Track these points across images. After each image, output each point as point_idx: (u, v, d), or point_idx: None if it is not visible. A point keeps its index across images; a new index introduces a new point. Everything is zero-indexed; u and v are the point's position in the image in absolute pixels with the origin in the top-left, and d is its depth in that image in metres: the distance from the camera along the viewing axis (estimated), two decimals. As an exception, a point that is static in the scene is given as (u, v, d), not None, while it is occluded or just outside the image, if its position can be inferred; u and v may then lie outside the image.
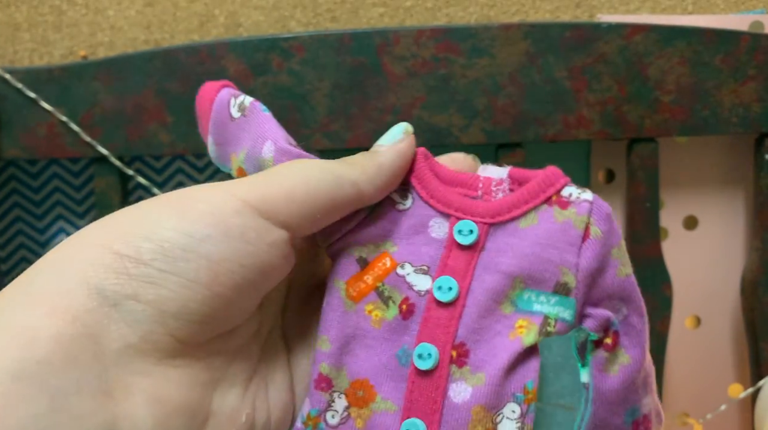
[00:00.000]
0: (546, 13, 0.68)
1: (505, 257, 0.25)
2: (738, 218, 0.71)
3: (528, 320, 0.25)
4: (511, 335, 0.25)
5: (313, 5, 0.66)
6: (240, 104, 0.28)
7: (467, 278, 0.25)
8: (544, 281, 0.25)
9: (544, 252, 0.25)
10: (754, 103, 0.62)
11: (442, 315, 0.25)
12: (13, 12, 0.66)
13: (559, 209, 0.26)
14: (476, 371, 0.24)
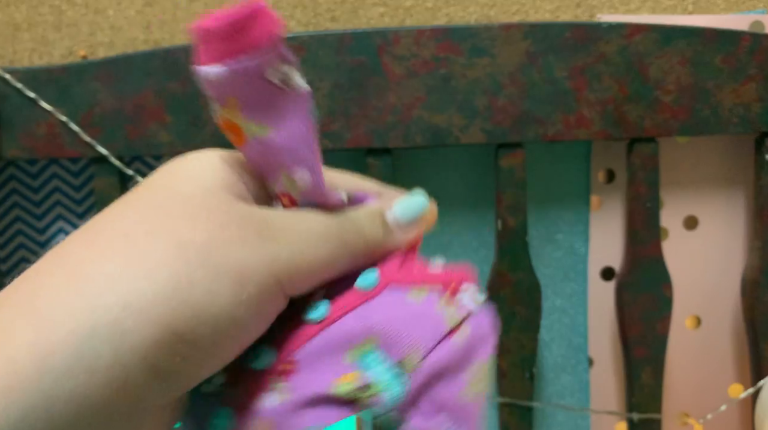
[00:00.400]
0: (546, 13, 0.68)
1: (378, 313, 0.25)
2: (738, 217, 0.71)
3: (356, 375, 0.24)
4: (334, 380, 0.24)
5: (312, 5, 0.66)
6: (285, 74, 0.24)
7: (340, 312, 0.25)
8: (394, 348, 0.25)
9: (409, 326, 0.25)
10: (755, 103, 0.62)
11: (297, 328, 0.25)
12: (12, 12, 0.66)
13: (444, 302, 0.26)
14: (290, 392, 0.24)
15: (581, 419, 0.74)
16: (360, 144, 0.62)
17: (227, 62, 0.23)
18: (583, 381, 0.73)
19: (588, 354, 0.73)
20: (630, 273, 0.65)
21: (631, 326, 0.66)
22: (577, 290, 0.72)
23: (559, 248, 0.71)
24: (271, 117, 0.25)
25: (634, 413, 0.67)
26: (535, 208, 0.70)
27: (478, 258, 0.71)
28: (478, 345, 0.26)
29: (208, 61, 0.24)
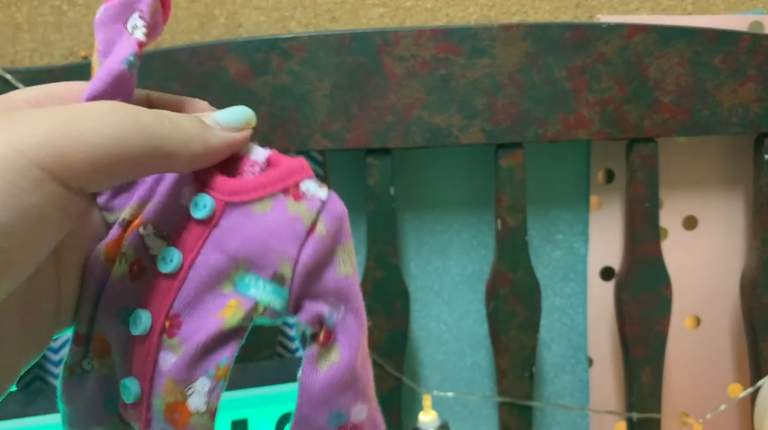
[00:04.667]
0: (546, 14, 0.68)
1: (233, 239, 0.25)
2: (737, 217, 0.71)
3: (239, 302, 0.25)
4: (219, 315, 0.25)
5: (313, 6, 0.67)
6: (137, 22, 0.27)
7: (193, 252, 0.25)
8: (264, 267, 0.25)
9: (270, 240, 0.25)
10: (754, 103, 0.62)
11: (162, 284, 0.25)
12: (13, 12, 0.66)
13: (292, 201, 0.25)
14: (182, 344, 0.24)
15: (581, 418, 0.74)
16: (360, 144, 0.62)
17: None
18: (583, 381, 0.73)
19: (587, 354, 0.73)
20: (629, 273, 0.65)
21: (631, 326, 0.66)
22: (576, 289, 0.72)
23: (558, 248, 0.71)
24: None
25: (633, 413, 0.67)
26: (534, 209, 0.70)
27: (478, 258, 0.71)
28: (338, 231, 0.26)
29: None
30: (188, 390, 0.24)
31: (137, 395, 0.25)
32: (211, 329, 0.24)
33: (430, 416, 0.64)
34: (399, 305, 0.65)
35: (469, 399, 0.73)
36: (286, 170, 0.26)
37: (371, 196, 0.63)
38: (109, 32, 0.26)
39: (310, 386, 0.25)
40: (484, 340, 0.72)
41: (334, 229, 0.26)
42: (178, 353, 0.24)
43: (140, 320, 0.25)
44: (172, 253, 0.25)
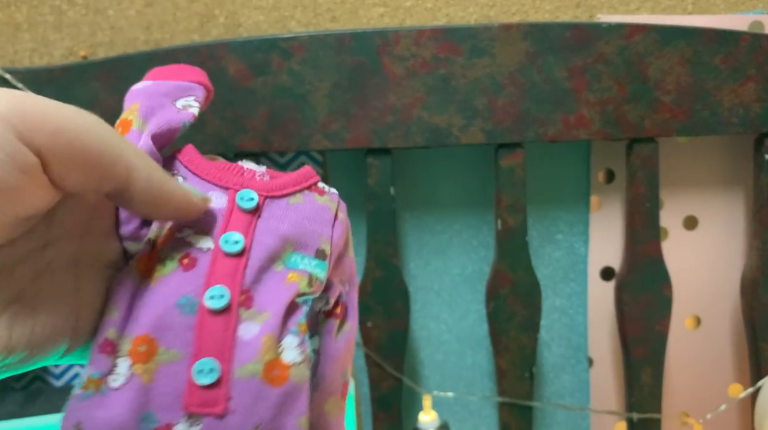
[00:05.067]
0: (546, 14, 0.68)
1: (279, 224, 0.29)
2: (738, 217, 0.71)
3: (298, 274, 0.28)
4: (286, 283, 0.28)
5: (313, 5, 0.66)
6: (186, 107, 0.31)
7: (249, 237, 0.28)
8: (308, 246, 0.29)
9: (309, 224, 0.30)
10: (754, 103, 0.62)
11: (229, 264, 0.27)
12: (13, 12, 0.66)
13: (318, 195, 0.31)
14: (262, 312, 0.27)
15: (581, 418, 0.74)
16: (360, 144, 0.62)
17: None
18: (583, 381, 0.73)
19: (588, 354, 0.73)
20: (630, 273, 0.65)
21: (631, 326, 0.66)
22: (576, 289, 0.72)
23: (558, 248, 0.71)
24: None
25: (633, 413, 0.67)
26: (534, 209, 0.70)
27: (478, 258, 0.71)
28: (348, 219, 0.32)
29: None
30: (279, 349, 0.26)
31: (218, 371, 0.25)
32: (288, 294, 0.27)
33: (430, 416, 0.64)
34: (399, 305, 0.65)
35: (469, 399, 0.73)
36: (303, 174, 0.31)
37: (371, 197, 0.63)
38: (153, 101, 0.30)
39: (330, 353, 0.29)
40: (484, 340, 0.72)
41: (347, 217, 0.31)
42: (265, 319, 0.26)
43: (221, 296, 0.26)
44: (235, 236, 0.27)
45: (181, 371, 0.25)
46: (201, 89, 0.31)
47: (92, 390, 0.25)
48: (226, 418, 0.25)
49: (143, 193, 0.25)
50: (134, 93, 0.30)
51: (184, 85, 0.31)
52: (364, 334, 0.65)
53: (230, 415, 0.25)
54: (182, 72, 0.31)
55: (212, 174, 0.29)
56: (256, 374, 0.25)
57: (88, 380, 0.25)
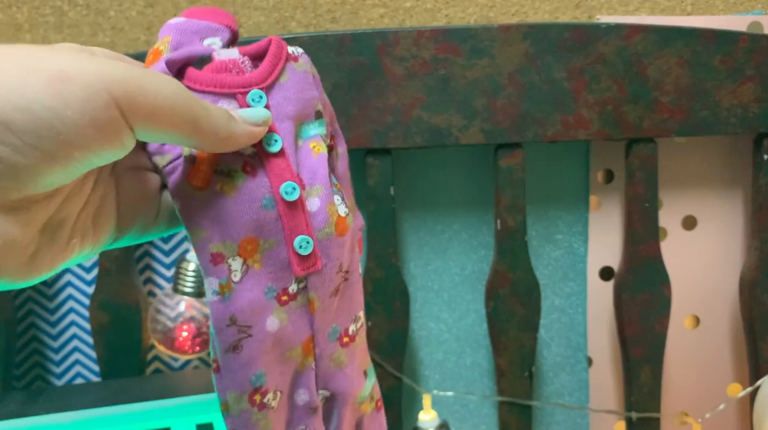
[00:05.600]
0: (545, 14, 0.68)
1: (285, 107, 0.33)
2: (737, 217, 0.71)
3: (314, 141, 0.34)
4: (314, 154, 0.34)
5: (313, 6, 0.67)
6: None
7: (277, 133, 0.33)
8: (309, 114, 0.35)
9: (302, 94, 0.34)
10: (753, 103, 0.62)
11: (278, 162, 0.32)
12: (14, 13, 0.66)
13: (294, 63, 0.35)
14: (313, 186, 0.33)
15: (580, 417, 0.74)
16: (360, 144, 0.62)
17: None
18: (582, 380, 0.73)
19: (587, 353, 0.73)
20: (629, 273, 0.65)
21: (630, 326, 0.66)
22: (576, 289, 0.72)
23: (558, 248, 0.72)
24: None
25: (632, 412, 0.67)
26: (534, 209, 0.71)
27: (477, 258, 0.71)
28: (313, 67, 0.37)
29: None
30: (336, 209, 0.33)
31: (312, 243, 0.32)
32: (323, 163, 0.34)
33: (430, 416, 0.64)
34: (399, 304, 0.65)
35: (469, 399, 0.73)
36: (276, 48, 0.34)
37: (371, 197, 0.64)
38: (183, 38, 0.33)
39: (340, 174, 0.37)
40: (484, 339, 0.72)
41: (313, 66, 0.37)
42: (319, 191, 0.33)
43: (293, 189, 0.32)
44: (274, 136, 0.32)
45: (282, 251, 0.32)
46: (228, 32, 0.34)
47: (227, 292, 0.32)
48: (321, 269, 0.33)
49: (213, 145, 0.29)
50: (169, 26, 0.34)
51: (213, 26, 0.34)
52: (364, 333, 0.65)
53: (324, 266, 0.33)
54: (215, 14, 0.34)
55: (212, 82, 0.32)
56: (331, 233, 0.33)
57: (220, 287, 0.32)
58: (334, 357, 0.35)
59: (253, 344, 0.32)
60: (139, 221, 0.33)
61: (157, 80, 0.26)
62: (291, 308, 0.33)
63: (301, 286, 0.33)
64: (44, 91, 0.24)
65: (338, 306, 0.35)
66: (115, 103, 0.25)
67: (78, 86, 0.24)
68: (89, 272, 0.69)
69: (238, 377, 0.32)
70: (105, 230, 0.31)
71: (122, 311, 0.65)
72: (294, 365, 0.34)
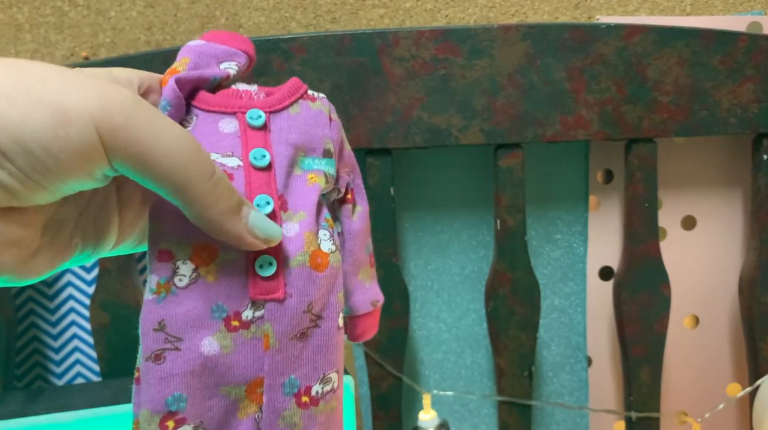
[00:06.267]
0: (545, 14, 0.68)
1: (288, 134, 0.33)
2: (736, 217, 0.71)
3: (314, 174, 0.33)
4: (308, 183, 0.32)
5: (313, 6, 0.67)
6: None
7: (269, 150, 0.32)
8: (315, 149, 0.33)
9: (312, 129, 0.33)
10: (752, 103, 0.62)
11: (261, 176, 0.31)
12: (14, 13, 0.66)
13: (311, 102, 0.34)
14: (297, 212, 0.31)
15: (580, 417, 0.74)
16: (360, 144, 0.62)
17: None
18: (582, 380, 0.73)
19: (587, 353, 0.73)
20: (628, 273, 0.66)
21: (630, 326, 0.66)
22: (575, 289, 0.72)
23: (557, 248, 0.72)
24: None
25: (632, 412, 0.68)
26: (533, 209, 0.71)
27: (477, 258, 0.71)
28: (339, 118, 0.35)
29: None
30: (318, 241, 0.31)
31: (275, 265, 0.30)
32: (315, 193, 0.32)
33: (430, 415, 0.65)
34: (399, 304, 0.65)
35: (469, 398, 0.73)
36: (293, 85, 0.34)
37: (371, 197, 0.64)
38: (201, 60, 0.33)
39: (351, 232, 0.35)
40: (484, 339, 0.72)
41: (338, 117, 0.35)
42: (301, 218, 0.31)
43: (266, 204, 0.31)
44: (261, 152, 0.31)
45: (241, 269, 0.30)
46: (245, 57, 0.35)
47: (164, 293, 0.29)
48: (285, 301, 0.30)
49: (196, 218, 0.28)
50: (188, 48, 0.34)
51: (231, 51, 0.34)
52: (364, 333, 0.65)
53: (288, 298, 0.30)
54: (233, 39, 0.35)
55: (219, 104, 0.32)
56: (305, 263, 0.30)
57: (158, 286, 0.29)
58: (285, 415, 0.30)
59: (178, 359, 0.29)
60: (142, 225, 0.33)
61: (159, 132, 0.26)
62: (240, 337, 0.30)
63: (258, 314, 0.30)
64: (44, 131, 0.24)
65: (302, 355, 0.31)
66: (104, 149, 0.25)
67: (75, 131, 0.24)
68: (89, 272, 0.70)
69: (153, 393, 0.29)
70: (107, 231, 0.31)
71: (122, 311, 0.65)
72: (231, 405, 0.30)
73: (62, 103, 0.24)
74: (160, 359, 0.29)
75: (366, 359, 0.66)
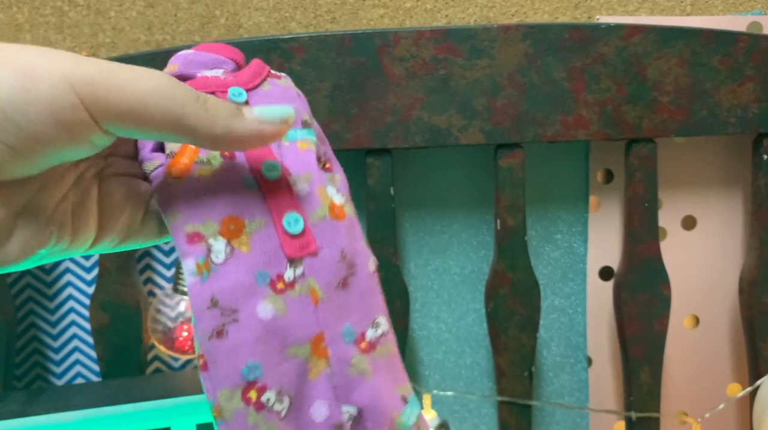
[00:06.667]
0: (545, 14, 0.68)
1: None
2: (736, 218, 0.71)
3: (302, 141, 0.33)
4: (301, 149, 0.33)
5: (313, 6, 0.67)
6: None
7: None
8: (295, 121, 0.32)
9: (286, 102, 0.34)
10: (752, 103, 0.62)
11: (258, 149, 0.31)
12: (14, 13, 0.66)
13: (277, 80, 0.35)
14: (302, 173, 0.32)
15: (580, 417, 0.74)
16: (360, 144, 0.62)
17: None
18: (582, 380, 0.73)
19: (587, 353, 0.73)
20: (628, 273, 0.66)
21: (630, 326, 0.66)
22: (575, 289, 0.72)
23: (557, 248, 0.72)
24: None
25: (632, 412, 0.68)
26: (533, 209, 0.71)
27: (477, 258, 0.71)
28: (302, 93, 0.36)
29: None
30: (329, 195, 0.32)
31: (302, 221, 0.31)
32: (311, 156, 0.32)
33: (430, 415, 0.65)
34: (399, 304, 0.65)
35: (469, 398, 0.73)
36: (258, 66, 0.34)
37: (371, 196, 0.64)
38: (188, 69, 0.33)
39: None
40: (484, 339, 0.72)
41: (301, 92, 0.36)
42: (307, 178, 0.32)
43: (274, 168, 0.31)
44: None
45: (271, 232, 0.30)
46: (233, 65, 0.34)
47: (206, 272, 0.29)
48: (319, 253, 0.30)
49: (209, 142, 0.27)
50: (178, 57, 0.34)
51: (219, 59, 0.34)
52: (364, 333, 0.65)
53: (321, 250, 0.31)
54: (223, 49, 0.35)
55: (195, 86, 0.32)
56: (326, 216, 0.31)
57: (197, 266, 0.29)
58: (353, 362, 0.31)
59: (241, 330, 0.29)
60: (121, 225, 0.32)
61: (132, 76, 0.25)
62: (289, 297, 0.30)
63: (299, 272, 0.30)
64: (10, 85, 0.24)
65: (348, 302, 0.31)
66: (81, 104, 0.24)
67: (45, 84, 0.24)
68: (89, 272, 0.70)
69: (226, 369, 0.28)
70: (84, 226, 0.30)
71: (122, 311, 0.65)
72: (301, 367, 0.30)
73: (30, 62, 0.24)
74: (223, 334, 0.28)
75: (366, 359, 0.66)
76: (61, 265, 0.69)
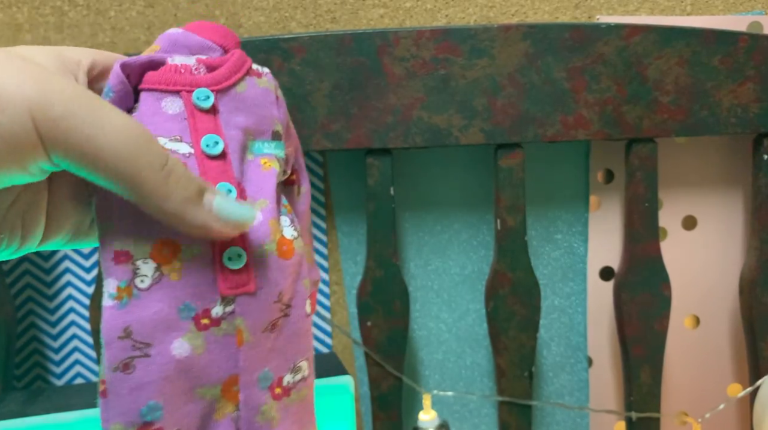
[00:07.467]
0: (545, 14, 0.68)
1: (236, 117, 0.30)
2: (736, 217, 0.71)
3: (267, 158, 0.31)
4: (263, 169, 0.30)
5: (313, 6, 0.67)
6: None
7: (221, 136, 0.30)
8: (264, 132, 0.31)
9: (259, 110, 0.31)
10: (753, 103, 0.62)
11: (215, 165, 0.29)
12: (14, 13, 0.66)
13: (257, 79, 0.32)
14: (257, 200, 0.29)
15: (580, 417, 0.74)
16: (360, 144, 0.62)
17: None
18: (582, 380, 0.73)
19: (587, 353, 0.73)
20: (629, 273, 0.65)
21: (630, 326, 0.66)
22: (576, 289, 0.72)
23: (558, 248, 0.72)
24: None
25: (632, 412, 0.67)
26: (534, 209, 0.71)
27: (477, 258, 0.71)
28: (281, 92, 0.34)
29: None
30: (281, 228, 0.30)
31: (244, 256, 0.28)
32: (272, 179, 0.30)
33: (430, 416, 0.65)
34: (399, 304, 0.65)
35: (469, 398, 0.73)
36: (239, 59, 0.31)
37: (371, 197, 0.64)
38: (172, 49, 0.31)
39: (297, 212, 0.33)
40: (484, 339, 0.72)
41: (282, 94, 0.33)
42: (263, 205, 0.29)
43: (228, 194, 0.29)
44: (213, 138, 0.29)
45: (207, 263, 0.28)
46: (220, 51, 0.32)
47: (126, 297, 0.27)
48: (256, 293, 0.28)
49: (153, 212, 0.26)
50: (163, 36, 0.32)
51: (207, 44, 0.31)
52: (364, 333, 0.65)
53: (259, 289, 0.28)
54: (215, 32, 0.32)
55: (160, 81, 0.30)
56: (272, 252, 0.29)
57: (118, 290, 0.27)
58: (263, 410, 0.29)
59: (149, 366, 0.27)
60: (69, 226, 0.31)
61: (101, 123, 0.24)
62: (211, 335, 0.28)
63: (228, 310, 0.28)
64: None
65: (275, 346, 0.29)
66: (40, 141, 0.23)
67: (5, 116, 0.23)
68: (89, 272, 0.70)
69: (125, 405, 0.27)
70: (33, 229, 0.30)
71: (122, 311, 0.65)
72: (207, 408, 0.28)
73: None
74: (129, 368, 0.27)
75: (366, 360, 0.66)
76: (61, 265, 0.69)
